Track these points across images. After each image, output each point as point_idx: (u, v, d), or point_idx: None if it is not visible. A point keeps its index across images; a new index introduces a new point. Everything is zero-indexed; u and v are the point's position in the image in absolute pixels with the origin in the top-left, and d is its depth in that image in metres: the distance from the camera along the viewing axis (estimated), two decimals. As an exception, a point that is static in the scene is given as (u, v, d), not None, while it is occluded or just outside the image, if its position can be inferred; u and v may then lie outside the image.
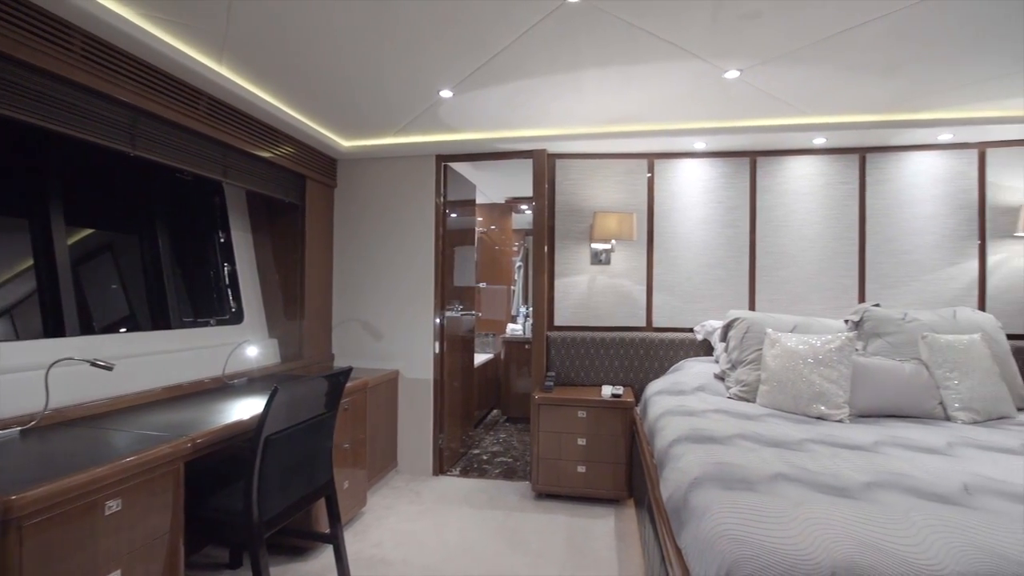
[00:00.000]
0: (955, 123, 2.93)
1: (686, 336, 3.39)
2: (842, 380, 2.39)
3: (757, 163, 3.38)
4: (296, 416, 1.96)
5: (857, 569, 1.12)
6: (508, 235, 5.62)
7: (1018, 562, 1.12)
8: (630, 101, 2.77)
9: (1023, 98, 2.69)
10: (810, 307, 3.30)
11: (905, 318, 2.69)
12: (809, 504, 1.34)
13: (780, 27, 2.03)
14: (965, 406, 2.34)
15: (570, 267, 3.51)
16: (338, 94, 2.68)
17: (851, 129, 2.99)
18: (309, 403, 2.05)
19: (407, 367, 3.55)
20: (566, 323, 3.51)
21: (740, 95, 2.67)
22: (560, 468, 3.10)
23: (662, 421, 2.36)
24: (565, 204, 3.51)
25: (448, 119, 3.04)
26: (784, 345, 2.56)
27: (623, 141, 3.24)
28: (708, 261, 3.40)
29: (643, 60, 2.30)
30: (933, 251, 3.21)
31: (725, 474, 1.58)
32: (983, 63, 2.32)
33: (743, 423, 2.20)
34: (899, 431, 2.13)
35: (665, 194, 3.45)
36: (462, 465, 3.78)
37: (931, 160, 3.23)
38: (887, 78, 2.47)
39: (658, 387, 2.95)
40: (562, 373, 3.48)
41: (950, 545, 1.16)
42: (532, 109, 2.89)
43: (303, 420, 2.00)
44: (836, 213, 3.30)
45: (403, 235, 3.56)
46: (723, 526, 1.29)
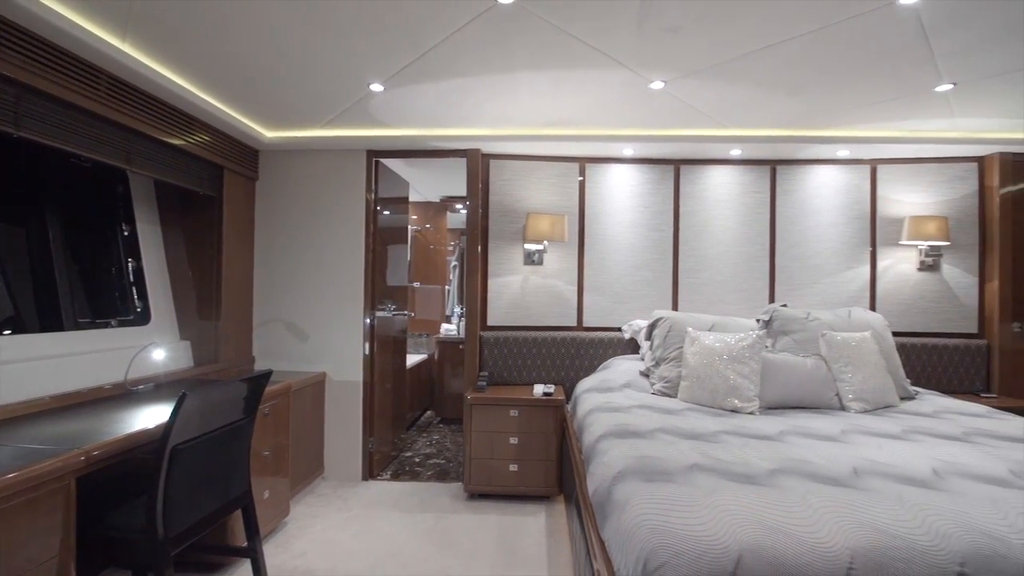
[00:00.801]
0: (851, 141, 3.23)
1: (615, 335, 3.51)
2: (753, 375, 2.56)
3: (680, 171, 3.56)
4: (209, 423, 1.83)
5: (760, 551, 1.20)
6: (443, 234, 5.57)
7: (893, 535, 1.25)
8: (563, 105, 2.83)
9: (908, 121, 3.02)
10: (727, 307, 3.52)
11: (808, 317, 2.94)
12: (720, 492, 1.43)
13: (700, 43, 2.15)
14: (857, 397, 2.59)
15: (504, 267, 3.53)
16: (259, 81, 2.54)
17: (763, 142, 3.23)
18: (224, 409, 1.92)
19: (335, 369, 3.43)
20: (499, 323, 3.53)
21: (665, 105, 2.80)
22: (493, 467, 3.11)
23: (590, 418, 2.42)
24: (499, 204, 3.53)
25: (379, 114, 2.96)
26: (702, 343, 2.71)
27: (556, 144, 3.31)
28: (635, 263, 3.54)
29: (575, 66, 2.36)
30: (832, 256, 3.53)
31: (646, 467, 1.65)
32: (875, 88, 2.57)
33: (665, 417, 2.31)
34: (801, 421, 2.32)
35: (596, 197, 3.56)
36: (393, 469, 3.70)
37: (831, 174, 3.55)
38: (794, 96, 2.69)
39: (587, 385, 3.03)
40: (495, 373, 3.49)
41: (840, 523, 1.28)
42: (466, 108, 2.87)
43: (216, 427, 1.87)
44: (750, 220, 3.54)
45: (331, 232, 3.43)
46: (642, 517, 1.35)
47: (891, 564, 1.20)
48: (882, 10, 1.90)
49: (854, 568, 1.19)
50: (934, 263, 3.49)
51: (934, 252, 3.48)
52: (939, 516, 1.32)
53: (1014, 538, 1.26)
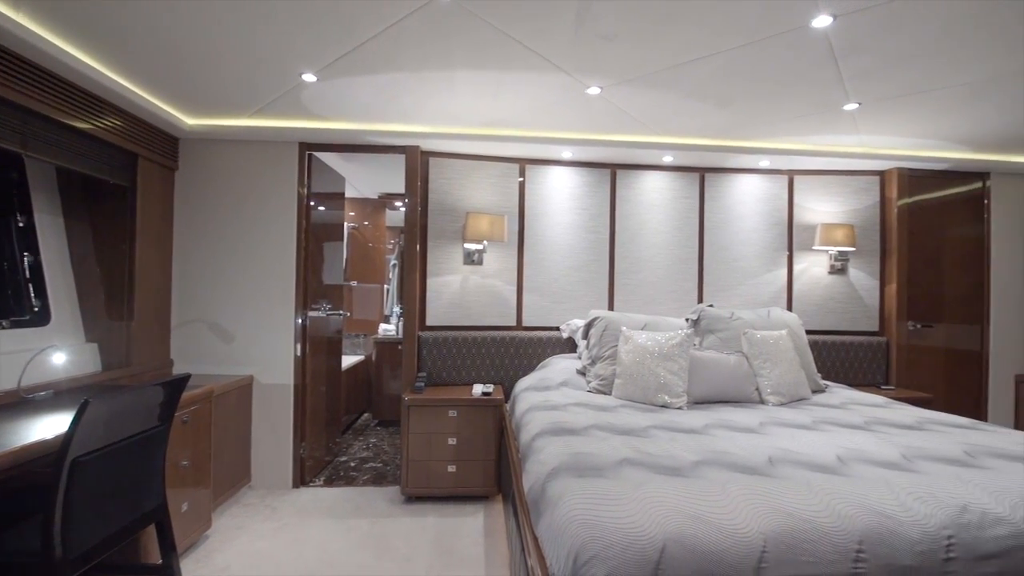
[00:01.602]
0: (772, 152, 3.46)
1: (553, 334, 3.56)
2: (682, 372, 2.69)
3: (617, 175, 3.68)
4: (116, 433, 1.69)
5: (683, 539, 1.26)
6: (382, 232, 5.44)
7: (801, 518, 1.35)
8: (503, 106, 2.84)
9: (821, 136, 3.27)
10: (660, 307, 3.66)
11: (732, 317, 3.12)
12: (648, 485, 1.49)
13: (634, 52, 2.22)
14: (775, 391, 2.78)
15: (443, 266, 3.50)
16: (179, 64, 2.37)
17: (693, 151, 3.39)
18: (134, 417, 1.78)
19: (263, 372, 3.26)
20: (438, 323, 3.49)
21: (602, 110, 2.88)
22: (431, 469, 3.07)
23: (527, 416, 2.45)
24: (439, 203, 3.49)
25: (313, 105, 2.85)
26: (635, 342, 2.81)
27: (496, 144, 3.32)
28: (574, 264, 3.62)
29: (514, 68, 2.37)
30: (755, 260, 3.77)
31: (579, 463, 1.68)
32: (792, 103, 2.77)
33: (599, 414, 2.37)
34: (725, 415, 2.46)
35: (536, 198, 3.60)
36: (327, 474, 3.57)
37: (754, 182, 3.78)
38: (721, 108, 2.84)
39: (526, 384, 3.06)
40: (434, 373, 3.45)
41: (755, 510, 1.36)
42: (405, 104, 2.82)
43: (126, 437, 1.73)
44: (681, 224, 3.71)
45: (260, 227, 3.26)
46: (574, 512, 1.37)
47: (799, 546, 1.29)
48: (797, 31, 2.04)
49: (767, 551, 1.27)
50: (842, 267, 3.80)
51: (842, 257, 3.79)
52: (841, 499, 1.43)
53: (903, 516, 1.39)
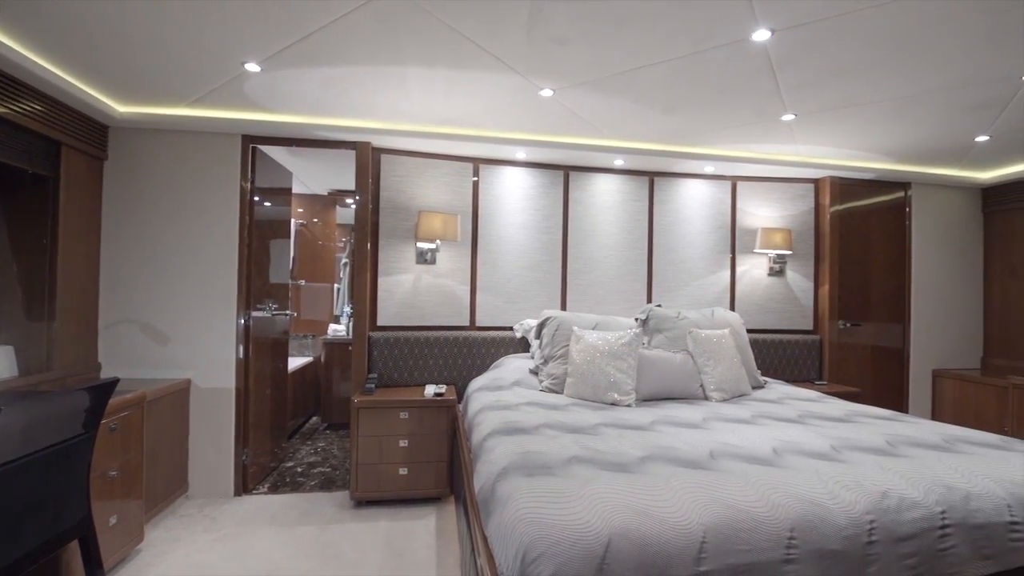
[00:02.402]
0: (716, 159, 3.61)
1: (506, 334, 3.57)
2: (631, 371, 2.75)
3: (570, 176, 3.73)
4: (33, 442, 1.56)
5: (628, 533, 1.29)
6: (332, 229, 5.28)
7: (739, 509, 1.41)
8: (456, 105, 2.82)
9: (761, 144, 3.44)
10: (610, 307, 3.74)
11: (678, 316, 3.22)
12: (595, 482, 1.51)
13: (585, 57, 2.26)
14: (717, 387, 2.89)
15: (395, 265, 3.43)
16: (107, 45, 2.21)
17: (643, 155, 3.48)
18: (53, 425, 1.65)
19: (202, 375, 3.10)
20: (390, 323, 3.43)
21: (554, 113, 2.91)
22: (381, 472, 3.01)
23: (479, 416, 2.44)
24: (391, 201, 3.43)
25: (257, 97, 2.74)
26: (587, 341, 2.86)
27: (450, 143, 3.29)
28: (527, 264, 3.64)
29: (467, 66, 2.36)
30: (700, 262, 3.91)
31: (529, 462, 1.69)
32: (735, 112, 2.89)
33: (550, 413, 2.39)
34: (670, 411, 2.54)
35: (489, 198, 3.60)
36: (272, 481, 3.44)
37: (700, 187, 3.93)
38: (668, 115, 2.93)
39: (479, 384, 3.05)
40: (385, 374, 3.38)
41: (696, 502, 1.41)
42: (355, 98, 2.76)
43: (43, 447, 1.60)
44: (631, 226, 3.81)
45: (199, 222, 3.10)
46: (522, 511, 1.38)
47: (736, 535, 1.35)
48: (739, 44, 2.14)
49: (706, 542, 1.32)
50: (780, 269, 4.00)
51: (780, 260, 4.00)
52: (776, 490, 1.51)
53: (831, 504, 1.48)
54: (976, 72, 2.36)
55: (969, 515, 1.53)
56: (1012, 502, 1.58)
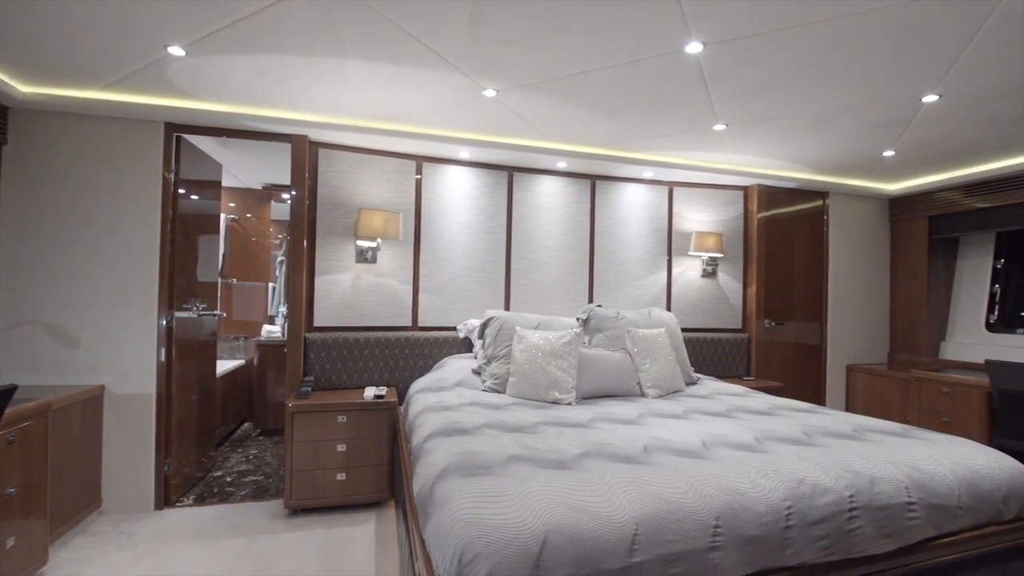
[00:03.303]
0: (654, 164, 3.74)
1: (450, 335, 3.54)
2: (571, 369, 2.81)
3: (514, 177, 3.75)
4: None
5: (563, 529, 1.31)
6: (267, 225, 5.04)
7: (669, 500, 1.46)
8: (398, 101, 2.77)
9: (695, 152, 3.60)
10: (553, 307, 3.80)
11: (618, 316, 3.32)
12: (533, 480, 1.53)
13: (528, 59, 2.28)
14: (653, 384, 3.00)
15: (333, 264, 3.32)
16: (7, 17, 2.01)
17: (585, 158, 3.56)
18: (-66, 438, 1.47)
19: (117, 381, 2.87)
20: (328, 323, 3.31)
21: (498, 113, 2.92)
22: (318, 478, 2.90)
23: (420, 418, 2.41)
24: (329, 197, 3.32)
25: (182, 83, 2.57)
26: (529, 341, 2.89)
27: (392, 140, 3.23)
28: (471, 264, 3.63)
29: (409, 63, 2.32)
30: (639, 263, 4.04)
31: (468, 463, 1.69)
32: (671, 120, 3.01)
33: (492, 413, 2.40)
34: (609, 408, 2.61)
35: (433, 197, 3.56)
36: (198, 492, 3.23)
37: (639, 191, 4.06)
38: (609, 120, 3.01)
39: (421, 385, 3.01)
40: (323, 377, 3.27)
41: (628, 496, 1.46)
42: (291, 90, 2.65)
43: (-80, 463, 1.43)
44: (573, 228, 3.88)
45: (115, 215, 2.87)
46: (460, 512, 1.37)
47: (666, 526, 1.40)
48: (674, 55, 2.23)
49: (638, 534, 1.36)
50: (713, 271, 4.21)
51: (713, 262, 4.20)
52: (703, 480, 1.58)
53: (753, 492, 1.57)
54: (883, 92, 2.58)
55: (874, 498, 1.67)
56: (910, 484, 1.74)
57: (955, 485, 1.80)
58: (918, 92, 2.57)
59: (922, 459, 1.87)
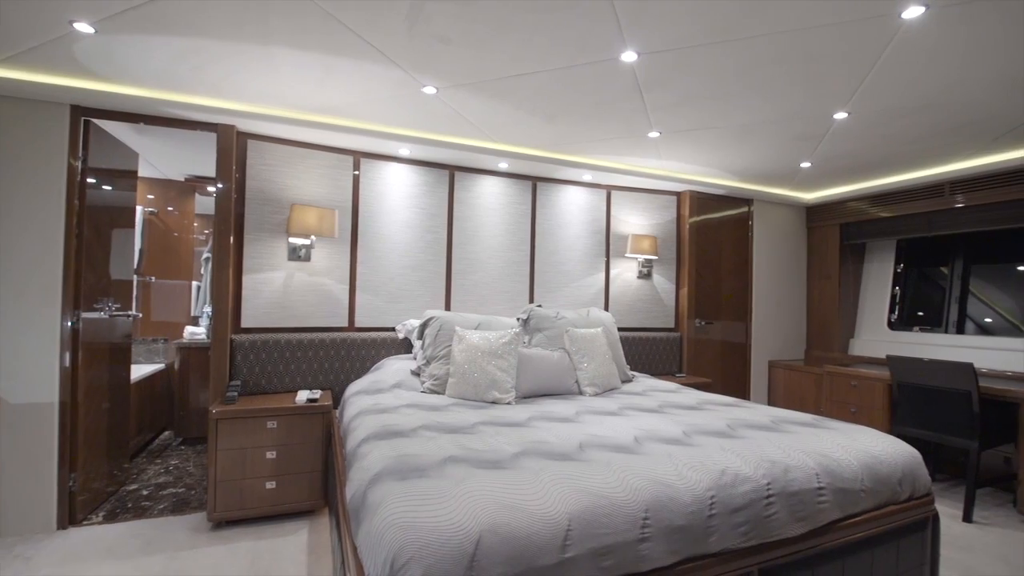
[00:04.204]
0: (593, 168, 3.83)
1: (388, 335, 3.47)
2: (511, 369, 2.82)
3: (455, 176, 3.73)
4: None
5: (497, 528, 1.31)
6: (190, 220, 4.73)
7: (601, 495, 1.50)
8: (334, 94, 2.68)
9: (632, 157, 3.71)
10: (494, 307, 3.80)
11: (557, 316, 3.37)
12: (469, 480, 1.52)
13: (467, 58, 2.27)
14: (590, 382, 3.07)
15: (263, 262, 3.16)
16: None
17: (526, 160, 3.59)
18: None
19: (12, 389, 2.59)
20: (257, 324, 3.15)
21: (439, 111, 2.89)
22: (245, 488, 2.75)
23: (356, 421, 2.34)
24: (259, 191, 3.16)
25: (91, 63, 2.36)
26: (469, 341, 2.87)
27: (327, 133, 3.12)
28: (410, 263, 3.56)
29: (345, 54, 2.25)
30: (578, 264, 4.13)
31: (403, 465, 1.65)
32: (609, 126, 3.09)
33: (430, 414, 2.36)
34: (547, 407, 2.64)
35: (371, 194, 3.47)
36: (109, 508, 2.98)
37: (579, 194, 4.15)
38: (549, 123, 3.05)
39: (357, 387, 2.93)
40: (251, 381, 3.10)
41: (562, 493, 1.48)
42: (215, 76, 2.49)
43: None
44: (514, 228, 3.90)
45: (7, 204, 2.59)
46: (393, 516, 1.34)
47: (598, 520, 1.43)
48: (610, 62, 2.29)
49: (571, 529, 1.39)
50: (648, 272, 4.37)
51: (648, 264, 4.36)
52: (633, 474, 1.63)
53: (680, 484, 1.64)
54: (800, 108, 2.77)
55: (788, 484, 1.78)
56: (819, 471, 1.88)
57: (859, 470, 1.96)
58: (830, 109, 2.78)
59: (831, 447, 2.03)
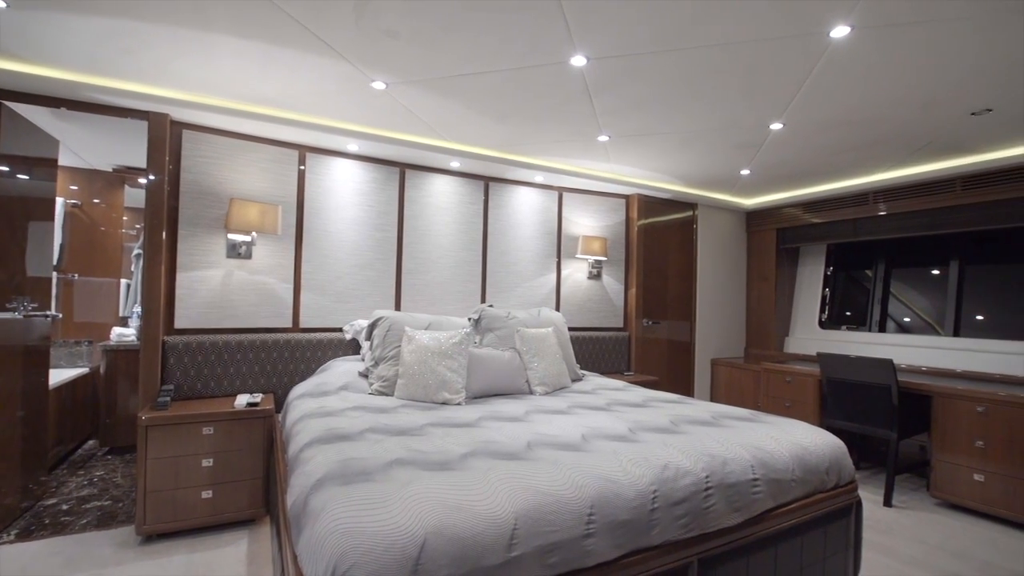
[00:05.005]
0: (545, 169, 3.87)
1: (335, 336, 3.37)
2: (461, 369, 2.80)
3: (406, 174, 3.67)
4: None
5: (443, 530, 1.30)
6: (119, 213, 4.42)
7: (547, 493, 1.52)
8: (277, 85, 2.58)
9: (582, 160, 3.78)
10: (446, 307, 3.77)
11: (508, 316, 3.38)
12: (415, 483, 1.50)
13: (417, 54, 2.24)
14: (541, 382, 3.10)
15: (199, 259, 3.00)
16: None
17: (478, 159, 3.58)
18: None
19: (-94, 396, 2.34)
20: (192, 325, 2.98)
21: (389, 107, 2.83)
22: (179, 499, 2.60)
23: (299, 425, 2.26)
24: (195, 184, 2.99)
25: (3, 40, 2.16)
26: (418, 342, 2.84)
27: (270, 126, 2.99)
28: (359, 262, 3.48)
29: (289, 45, 2.17)
30: (530, 265, 4.16)
31: (347, 470, 1.61)
32: (559, 128, 3.13)
33: (377, 417, 2.31)
34: (497, 406, 2.64)
35: (318, 190, 3.36)
36: (22, 525, 2.74)
37: (531, 195, 4.18)
38: (501, 123, 3.06)
39: (302, 390, 2.83)
40: (187, 385, 2.94)
41: (509, 492, 1.48)
42: (147, 61, 2.35)
43: None
44: (466, 228, 3.89)
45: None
46: (335, 521, 1.30)
47: (544, 518, 1.45)
48: (560, 65, 2.32)
49: (517, 528, 1.39)
50: (598, 273, 4.46)
51: (598, 265, 4.45)
52: (580, 472, 1.66)
53: (624, 479, 1.68)
54: (740, 117, 2.90)
55: (725, 476, 1.86)
56: (754, 463, 1.97)
57: (790, 461, 2.07)
58: (767, 120, 2.93)
59: (765, 440, 2.13)
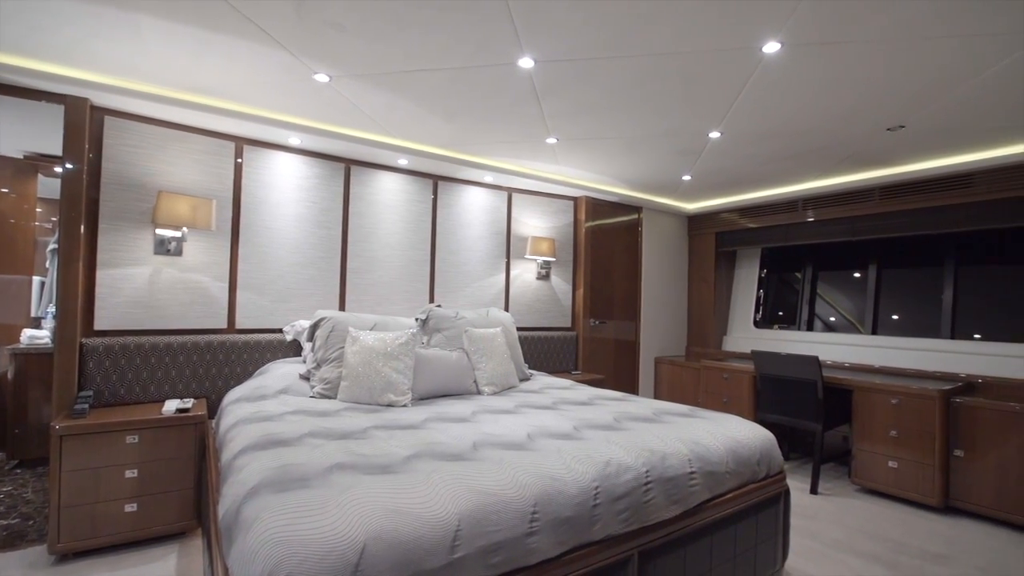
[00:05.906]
0: (494, 170, 3.87)
1: (275, 337, 3.23)
2: (407, 370, 2.76)
3: (351, 171, 3.57)
4: None
5: (383, 535, 1.27)
6: (31, 204, 4.05)
7: (491, 493, 1.52)
8: (211, 72, 2.44)
9: (532, 161, 3.81)
10: (393, 307, 3.70)
11: (456, 316, 3.36)
12: (355, 487, 1.46)
13: (363, 48, 2.18)
14: (488, 382, 3.10)
15: (123, 255, 2.80)
16: None
17: (426, 157, 3.54)
18: None
19: None
20: (115, 326, 2.78)
21: (333, 101, 2.75)
22: (98, 514, 2.41)
23: (233, 431, 2.15)
24: (118, 175, 2.78)
25: None
26: (363, 342, 2.77)
27: (203, 115, 2.83)
28: (300, 260, 3.35)
29: (223, 31, 2.06)
30: (479, 265, 4.15)
31: (284, 476, 1.55)
32: (509, 130, 3.14)
33: (318, 420, 2.24)
34: (444, 407, 2.62)
35: (256, 184, 3.21)
36: (-92, 549, 2.46)
37: (481, 195, 4.17)
38: (449, 122, 3.03)
39: (237, 394, 2.69)
40: (107, 391, 2.73)
41: (453, 494, 1.47)
42: (62, 41, 2.17)
43: None
44: (414, 227, 3.83)
45: None
46: (269, 532, 1.25)
47: (488, 518, 1.45)
48: (508, 67, 2.33)
49: (460, 529, 1.38)
50: (546, 274, 4.51)
51: (547, 266, 4.50)
52: (524, 471, 1.67)
53: (567, 477, 1.70)
54: (682, 125, 3.01)
55: (664, 471, 1.93)
56: (692, 457, 2.05)
57: (724, 454, 2.17)
58: (706, 128, 3.06)
59: (702, 434, 2.23)
